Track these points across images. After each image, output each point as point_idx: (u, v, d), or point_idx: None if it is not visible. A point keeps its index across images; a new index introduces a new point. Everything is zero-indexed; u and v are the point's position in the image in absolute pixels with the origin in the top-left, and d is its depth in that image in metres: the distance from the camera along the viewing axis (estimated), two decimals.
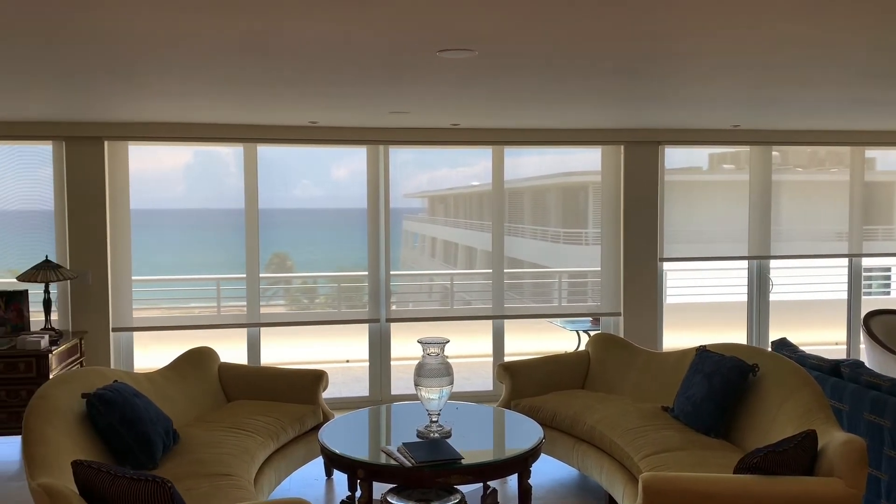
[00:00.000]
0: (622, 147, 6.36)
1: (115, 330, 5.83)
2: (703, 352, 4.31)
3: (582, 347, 6.78)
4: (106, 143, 5.70)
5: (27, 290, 5.34)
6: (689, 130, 6.36)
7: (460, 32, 2.88)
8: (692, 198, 6.62)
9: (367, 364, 6.36)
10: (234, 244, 6.07)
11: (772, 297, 6.85)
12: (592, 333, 6.16)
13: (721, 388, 3.96)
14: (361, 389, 6.76)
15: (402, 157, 6.21)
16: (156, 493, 2.62)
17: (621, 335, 6.35)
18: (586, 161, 6.58)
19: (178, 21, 2.68)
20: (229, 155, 6.09)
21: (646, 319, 6.45)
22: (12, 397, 4.86)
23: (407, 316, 6.49)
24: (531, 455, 3.69)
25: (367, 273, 6.26)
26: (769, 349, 4.68)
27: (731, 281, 9.71)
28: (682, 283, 9.94)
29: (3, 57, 3.27)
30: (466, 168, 6.52)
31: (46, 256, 5.38)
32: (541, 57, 3.34)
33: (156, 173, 6.00)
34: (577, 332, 7.21)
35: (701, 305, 10.20)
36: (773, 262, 6.85)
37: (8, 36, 2.89)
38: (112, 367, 5.76)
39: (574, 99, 4.61)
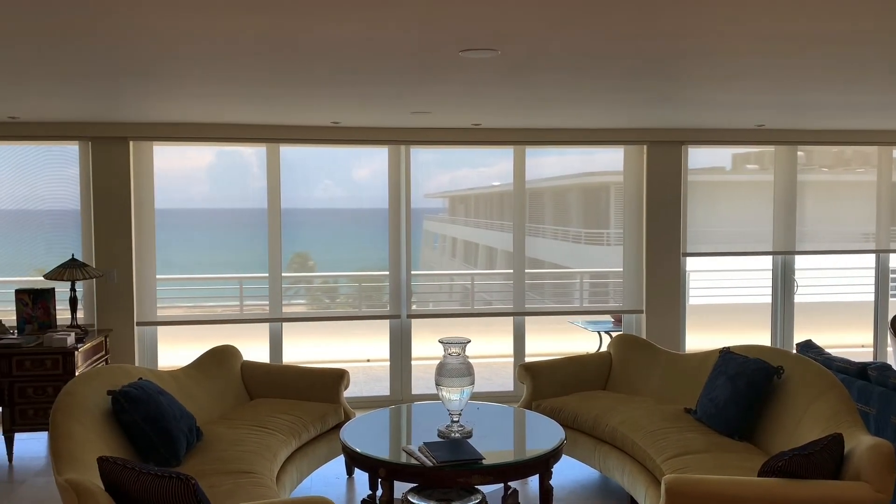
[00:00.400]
0: (645, 147, 6.32)
1: (139, 324, 5.90)
2: (726, 353, 4.27)
3: (604, 348, 6.74)
4: (131, 143, 5.77)
5: (54, 289, 5.41)
6: (712, 130, 6.30)
7: (483, 32, 2.88)
8: (715, 198, 6.56)
9: (388, 364, 6.38)
10: (257, 244, 6.11)
11: (796, 299, 6.77)
12: (614, 334, 6.13)
13: (745, 390, 3.92)
14: (382, 389, 6.78)
15: (422, 158, 6.22)
16: (180, 489, 2.64)
17: (643, 336, 6.30)
18: (608, 161, 6.55)
19: (203, 22, 2.70)
20: (252, 155, 6.14)
21: (668, 321, 6.40)
22: (39, 394, 4.93)
23: (427, 314, 6.49)
24: (553, 456, 3.68)
25: (387, 273, 6.27)
26: (794, 351, 4.62)
27: (754, 282, 9.61)
28: (705, 283, 9.85)
29: (32, 59, 3.32)
30: (487, 168, 6.52)
31: (73, 255, 5.45)
32: (564, 56, 3.33)
33: (180, 173, 6.06)
34: (598, 332, 7.18)
35: (724, 307, 10.11)
36: (798, 264, 6.77)
37: (36, 38, 2.93)
38: (136, 364, 5.82)
39: (597, 99, 4.58)
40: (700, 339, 7.30)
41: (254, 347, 5.94)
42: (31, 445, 5.29)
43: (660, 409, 4.32)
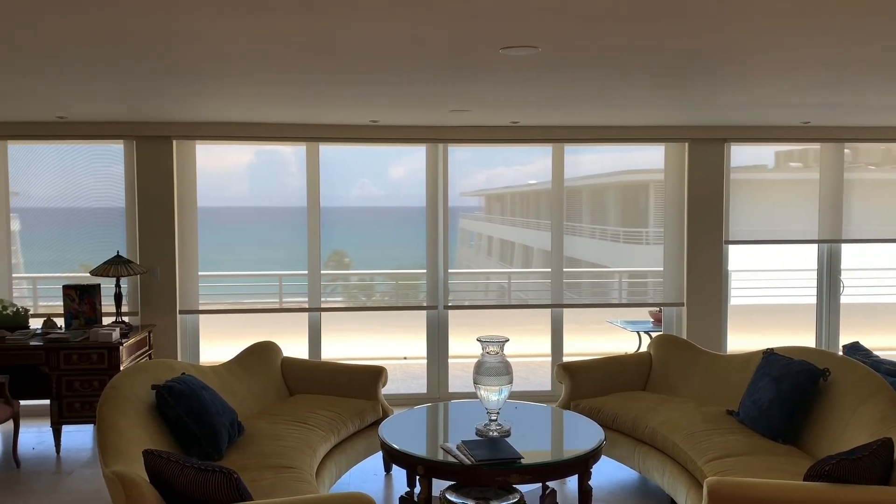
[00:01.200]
0: (686, 145, 6.23)
1: (181, 312, 6.00)
2: (770, 355, 4.19)
3: (643, 349, 6.67)
4: (174, 142, 5.87)
5: (100, 285, 5.53)
6: (756, 127, 6.18)
7: (524, 30, 2.86)
8: (758, 197, 6.44)
9: (425, 361, 6.39)
10: (295, 242, 6.17)
11: (842, 300, 6.61)
12: (654, 335, 6.05)
13: (790, 392, 3.84)
14: (419, 386, 6.80)
15: (458, 156, 6.21)
16: (223, 483, 2.68)
17: (684, 337, 6.22)
18: (647, 159, 6.47)
19: (246, 22, 2.73)
20: (290, 154, 6.20)
21: (709, 321, 6.30)
22: (85, 387, 5.04)
23: (465, 305, 6.50)
24: (592, 456, 3.64)
25: (424, 271, 6.29)
26: (840, 353, 4.52)
27: (798, 283, 9.41)
28: (747, 283, 9.68)
29: (79, 60, 3.40)
30: (523, 166, 6.48)
31: (118, 252, 5.57)
32: (604, 53, 3.29)
33: (220, 172, 6.15)
34: (637, 333, 7.10)
35: (766, 307, 9.93)
36: (843, 264, 6.60)
37: (82, 40, 3.00)
38: (179, 359, 5.92)
39: (638, 96, 4.53)
40: (741, 340, 7.17)
41: (293, 344, 6.01)
42: (78, 437, 5.41)
43: (701, 411, 4.26)
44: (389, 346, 8.58)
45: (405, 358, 8.25)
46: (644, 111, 5.26)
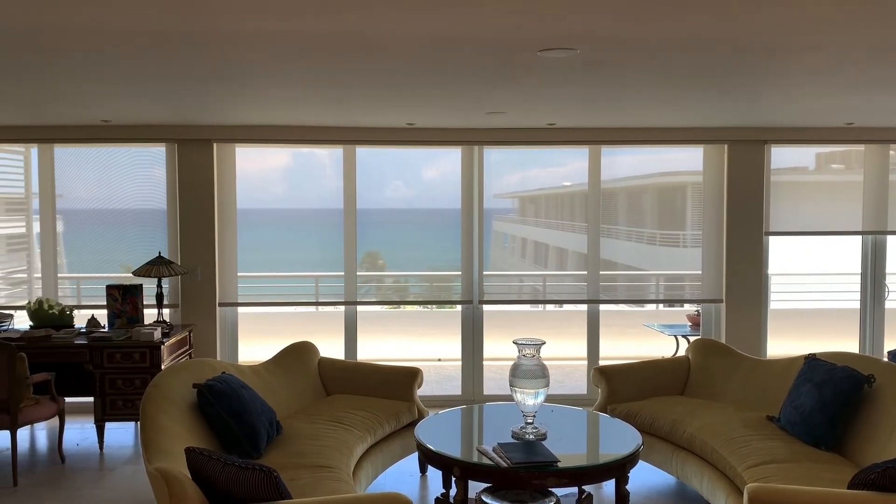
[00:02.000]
0: (726, 146, 6.15)
1: (221, 305, 6.09)
2: (812, 360, 4.12)
3: (681, 353, 6.60)
4: (215, 145, 5.97)
5: (142, 285, 5.64)
6: (797, 129, 6.07)
7: (563, 31, 2.86)
8: (798, 199, 6.33)
9: (460, 363, 6.40)
10: (331, 243, 6.23)
11: (888, 305, 6.46)
12: (692, 339, 5.98)
13: (832, 398, 3.77)
14: (453, 388, 6.81)
15: (491, 158, 6.21)
16: (263, 481, 2.72)
17: (723, 341, 6.13)
18: (685, 160, 6.40)
19: (288, 25, 2.77)
20: (325, 156, 6.26)
21: (749, 323, 6.20)
22: (127, 385, 5.14)
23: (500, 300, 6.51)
24: (629, 461, 3.62)
25: (458, 273, 6.29)
26: (885, 359, 4.42)
27: (841, 287, 9.21)
28: (787, 287, 9.50)
29: (122, 65, 3.47)
30: (558, 168, 6.46)
31: (159, 253, 5.68)
32: (643, 54, 3.27)
33: (258, 174, 6.24)
34: (675, 336, 7.02)
35: (807, 312, 9.73)
36: (889, 268, 6.45)
37: (127, 44, 3.06)
38: (218, 359, 6.01)
39: (678, 97, 4.49)
40: (781, 345, 7.05)
41: (328, 345, 6.06)
42: (120, 435, 5.53)
43: (740, 416, 4.20)
44: (424, 347, 8.60)
45: (439, 360, 8.26)
46: (683, 112, 5.20)
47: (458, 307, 6.54)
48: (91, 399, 5.43)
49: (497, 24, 2.75)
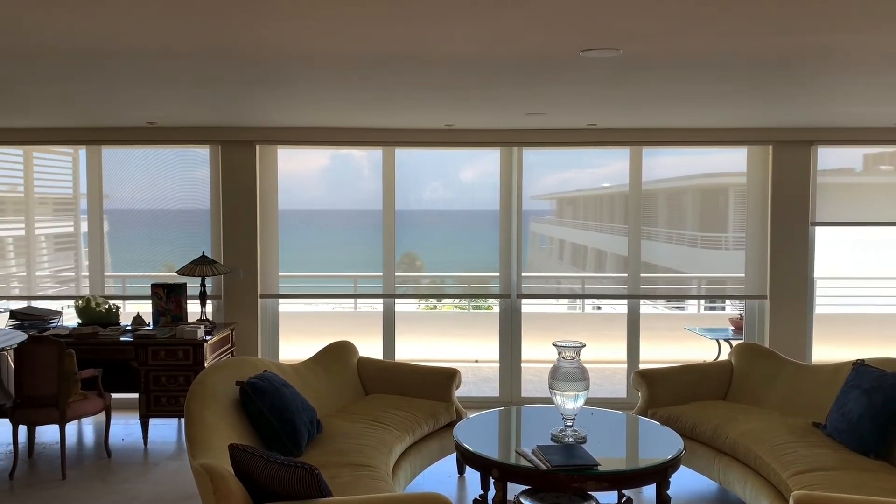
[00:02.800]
0: (770, 147, 6.04)
1: (262, 296, 6.17)
2: (860, 366, 4.02)
3: (723, 357, 6.49)
4: (257, 146, 6.06)
5: (186, 284, 5.75)
6: (845, 129, 5.93)
7: (606, 31, 2.84)
8: (845, 201, 6.18)
9: (497, 365, 6.38)
10: (368, 244, 6.27)
11: None
12: (735, 343, 5.88)
13: (883, 405, 3.67)
14: (491, 390, 6.80)
15: (529, 159, 6.19)
16: (304, 479, 2.74)
17: (766, 345, 6.02)
18: (727, 161, 6.29)
19: (330, 28, 2.80)
20: (363, 158, 6.31)
21: (793, 328, 6.08)
22: (171, 382, 5.24)
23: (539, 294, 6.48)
24: (671, 465, 3.57)
25: (496, 275, 6.28)
26: None
27: (889, 292, 8.98)
28: (833, 292, 9.28)
29: (167, 68, 3.54)
30: (596, 169, 6.41)
31: (203, 252, 5.77)
32: (687, 54, 3.23)
33: (298, 175, 6.30)
34: (717, 340, 6.90)
35: (853, 317, 9.49)
36: None
37: (174, 47, 3.12)
38: (259, 357, 6.09)
39: (721, 97, 4.42)
40: (827, 350, 6.89)
41: (366, 346, 6.11)
42: (163, 430, 5.63)
43: (785, 422, 4.12)
44: (461, 349, 8.60)
45: (476, 361, 8.25)
46: (727, 113, 5.13)
47: (496, 308, 6.52)
48: (136, 395, 5.55)
49: (539, 25, 2.74)
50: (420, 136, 6.01)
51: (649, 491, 4.35)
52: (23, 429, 5.23)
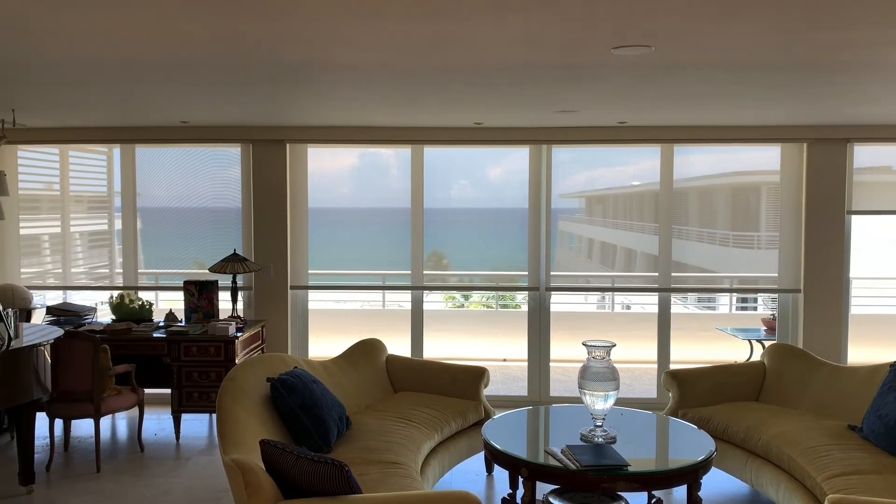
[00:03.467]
0: (805, 145, 5.94)
1: (292, 288, 6.22)
2: None
3: (755, 358, 6.40)
4: (288, 145, 6.11)
5: (217, 281, 5.81)
6: (883, 126, 5.81)
7: (638, 29, 2.81)
8: (881, 198, 6.06)
9: (525, 364, 6.37)
10: (395, 242, 6.29)
11: None
12: (767, 343, 5.80)
13: None
14: (519, 389, 6.78)
15: (558, 157, 6.15)
16: (334, 475, 2.76)
17: (800, 346, 5.92)
18: (760, 159, 6.20)
19: (361, 28, 2.81)
20: (391, 156, 6.33)
21: (827, 328, 5.97)
22: (203, 378, 5.31)
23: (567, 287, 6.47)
24: (702, 467, 3.53)
25: (524, 273, 6.26)
26: None
27: None
28: (868, 292, 9.10)
29: (202, 67, 3.58)
30: (627, 167, 6.35)
31: (234, 250, 5.83)
32: (721, 51, 3.19)
33: (327, 174, 6.34)
34: (749, 341, 6.82)
35: (889, 318, 9.30)
36: None
37: (207, 47, 3.16)
38: (289, 354, 6.13)
39: (754, 95, 4.36)
40: (862, 352, 6.76)
41: (394, 343, 6.13)
42: (195, 426, 5.71)
43: (820, 425, 4.05)
44: (488, 347, 8.59)
45: (504, 360, 8.24)
46: (761, 110, 5.05)
47: (524, 307, 6.50)
48: (168, 391, 5.63)
49: (571, 24, 2.72)
50: (449, 134, 6.01)
51: (679, 492, 4.31)
52: (58, 422, 5.34)
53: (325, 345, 6.95)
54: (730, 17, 2.65)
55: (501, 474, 4.64)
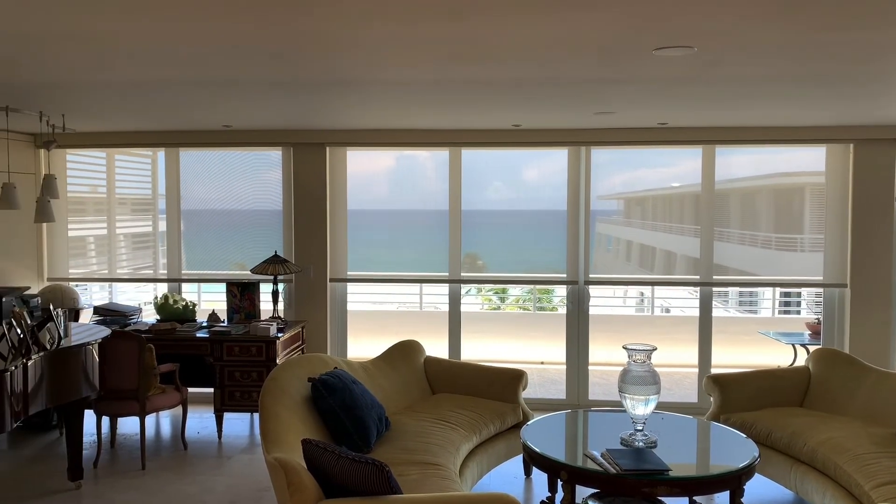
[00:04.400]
0: (851, 146, 5.81)
1: (331, 281, 6.28)
2: None
3: (799, 362, 6.28)
4: (328, 148, 6.17)
5: (259, 282, 5.90)
6: None
7: (681, 30, 2.78)
8: None
9: (563, 367, 6.33)
10: (432, 244, 6.31)
11: None
12: (812, 348, 5.69)
13: None
14: (557, 392, 6.75)
15: (596, 159, 6.10)
16: (375, 475, 2.78)
17: (846, 350, 5.79)
18: (804, 160, 6.08)
19: (400, 30, 2.83)
20: (427, 159, 6.35)
21: (875, 336, 5.83)
22: (244, 378, 5.39)
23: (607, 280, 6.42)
24: (746, 473, 3.48)
25: (562, 276, 6.23)
26: None
27: None
28: None
29: (246, 73, 3.64)
30: (666, 168, 6.27)
31: (275, 252, 5.92)
32: (765, 51, 3.14)
33: (364, 176, 6.39)
34: (792, 346, 6.68)
35: None
36: None
37: (251, 55, 3.21)
38: (328, 354, 6.20)
39: (799, 95, 4.28)
40: None
41: (431, 345, 6.15)
42: (236, 425, 5.79)
43: (867, 432, 3.96)
44: (525, 350, 8.56)
45: (542, 363, 8.21)
46: (805, 110, 4.95)
47: (560, 309, 6.47)
48: (210, 390, 5.72)
49: (612, 26, 2.71)
50: (487, 136, 6.02)
51: (721, 498, 4.25)
52: (105, 420, 5.47)
53: (363, 346, 7.00)
54: (772, 17, 2.61)
55: (539, 478, 4.62)
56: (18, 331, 4.10)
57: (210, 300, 8.44)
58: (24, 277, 6.28)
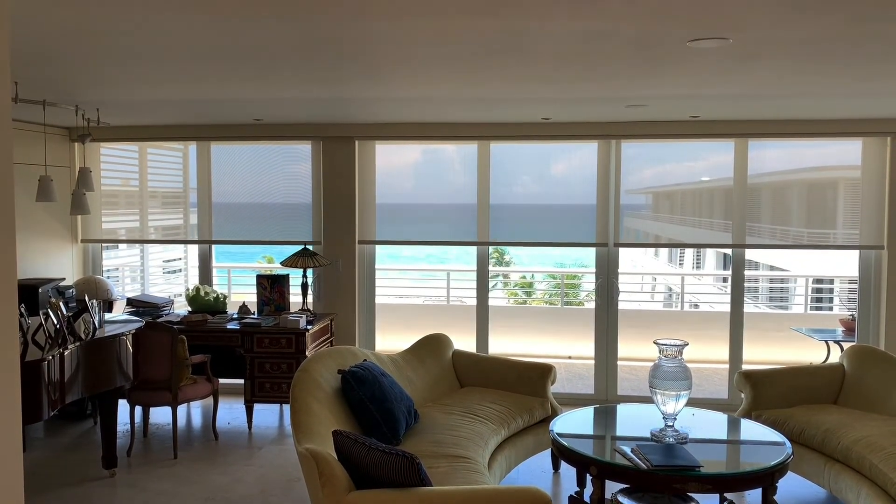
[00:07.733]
0: (888, 139, 5.69)
1: (360, 243, 6.29)
2: None
3: (833, 359, 6.19)
4: (356, 142, 6.19)
5: (289, 275, 5.95)
6: None
7: (716, 21, 2.75)
8: None
9: (591, 362, 6.30)
10: (459, 237, 6.30)
11: None
12: (846, 345, 5.60)
13: None
14: (585, 387, 6.72)
15: (625, 153, 6.04)
16: (405, 467, 2.80)
17: (881, 346, 5.69)
18: (838, 154, 5.97)
19: (433, 25, 2.82)
20: (454, 152, 6.34)
21: None
22: (274, 369, 5.44)
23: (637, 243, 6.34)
24: (779, 470, 3.44)
25: (591, 271, 6.20)
26: None
27: None
28: None
29: (278, 67, 3.66)
30: (696, 162, 6.19)
31: (305, 245, 5.95)
32: (800, 42, 3.08)
33: (391, 170, 6.40)
34: (826, 342, 6.58)
35: None
36: None
37: (283, 49, 3.23)
38: (357, 346, 6.23)
39: (835, 87, 4.20)
40: None
41: (458, 338, 6.16)
42: (266, 416, 5.85)
43: None
44: (552, 345, 8.53)
45: (570, 357, 8.18)
46: (840, 103, 4.87)
47: (588, 305, 6.43)
48: (240, 381, 5.79)
49: (645, 17, 2.68)
50: (516, 129, 6.00)
51: (752, 495, 4.21)
52: (138, 409, 5.55)
53: (390, 339, 7.03)
54: (808, 8, 2.57)
55: (568, 472, 4.61)
56: (55, 321, 4.18)
57: (240, 293, 8.53)
58: (60, 268, 6.39)
